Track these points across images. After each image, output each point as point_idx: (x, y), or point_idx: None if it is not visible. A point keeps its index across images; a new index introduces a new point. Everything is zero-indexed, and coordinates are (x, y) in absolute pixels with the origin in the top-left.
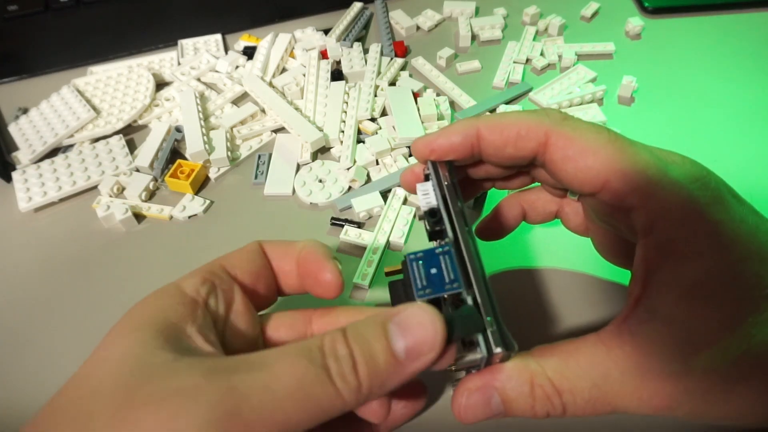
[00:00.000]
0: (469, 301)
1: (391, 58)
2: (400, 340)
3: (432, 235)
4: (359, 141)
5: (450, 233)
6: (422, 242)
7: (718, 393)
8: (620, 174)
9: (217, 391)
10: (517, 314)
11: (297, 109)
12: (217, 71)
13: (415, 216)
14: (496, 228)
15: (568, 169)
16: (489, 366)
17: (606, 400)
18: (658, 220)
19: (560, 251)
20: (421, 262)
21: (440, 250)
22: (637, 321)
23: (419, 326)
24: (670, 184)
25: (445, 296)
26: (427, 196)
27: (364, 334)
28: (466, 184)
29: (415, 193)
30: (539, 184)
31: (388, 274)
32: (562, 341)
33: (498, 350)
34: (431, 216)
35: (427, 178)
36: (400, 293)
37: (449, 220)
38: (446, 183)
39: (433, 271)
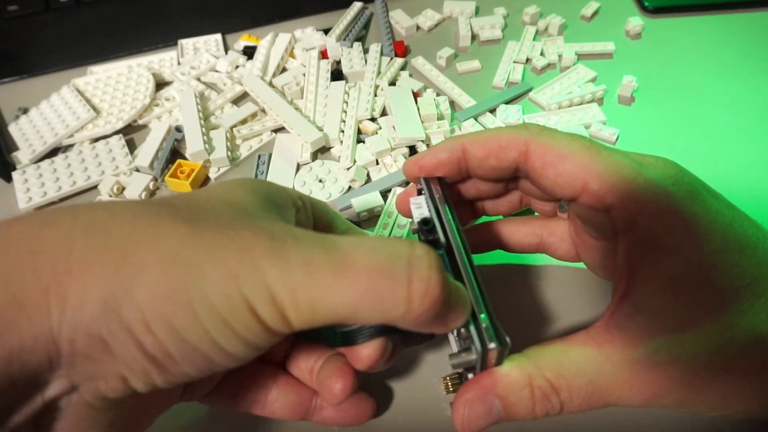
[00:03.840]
0: None
1: (391, 58)
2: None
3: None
4: (359, 141)
5: (442, 238)
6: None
7: (702, 381)
8: (597, 176)
9: (300, 256)
10: (509, 311)
11: (297, 109)
12: (217, 71)
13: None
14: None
15: (549, 175)
16: (484, 366)
17: (600, 394)
18: (637, 217)
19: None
20: None
21: None
22: (624, 315)
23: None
24: (645, 182)
25: None
26: (420, 208)
27: None
28: (459, 208)
29: (410, 216)
30: (528, 208)
31: None
32: (553, 341)
33: (492, 345)
34: (424, 225)
35: (419, 193)
36: None
37: (441, 228)
38: (438, 195)
39: None
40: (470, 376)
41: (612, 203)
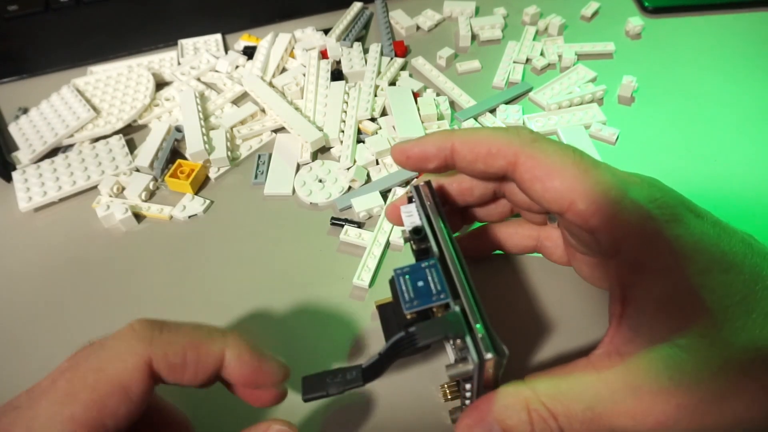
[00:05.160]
0: (457, 310)
1: (391, 58)
2: None
3: (418, 254)
4: (359, 141)
5: (435, 248)
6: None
7: (710, 404)
8: (584, 195)
9: None
10: (506, 316)
11: (297, 109)
12: (217, 71)
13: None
14: (469, 250)
15: (537, 188)
16: (482, 376)
17: (601, 421)
18: (623, 241)
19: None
20: (408, 276)
21: (426, 264)
22: (623, 340)
23: None
24: (630, 204)
25: (434, 308)
26: (411, 216)
27: None
28: (450, 215)
29: (401, 224)
30: (519, 215)
31: (379, 306)
32: (554, 369)
33: (489, 356)
34: (416, 234)
35: (410, 200)
36: (389, 314)
37: (433, 236)
38: (429, 203)
39: (420, 284)
40: (468, 386)
41: (596, 226)
